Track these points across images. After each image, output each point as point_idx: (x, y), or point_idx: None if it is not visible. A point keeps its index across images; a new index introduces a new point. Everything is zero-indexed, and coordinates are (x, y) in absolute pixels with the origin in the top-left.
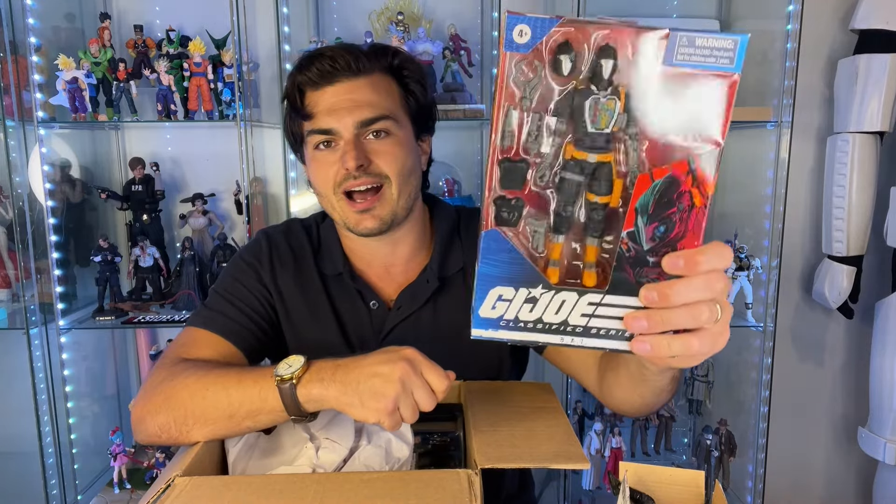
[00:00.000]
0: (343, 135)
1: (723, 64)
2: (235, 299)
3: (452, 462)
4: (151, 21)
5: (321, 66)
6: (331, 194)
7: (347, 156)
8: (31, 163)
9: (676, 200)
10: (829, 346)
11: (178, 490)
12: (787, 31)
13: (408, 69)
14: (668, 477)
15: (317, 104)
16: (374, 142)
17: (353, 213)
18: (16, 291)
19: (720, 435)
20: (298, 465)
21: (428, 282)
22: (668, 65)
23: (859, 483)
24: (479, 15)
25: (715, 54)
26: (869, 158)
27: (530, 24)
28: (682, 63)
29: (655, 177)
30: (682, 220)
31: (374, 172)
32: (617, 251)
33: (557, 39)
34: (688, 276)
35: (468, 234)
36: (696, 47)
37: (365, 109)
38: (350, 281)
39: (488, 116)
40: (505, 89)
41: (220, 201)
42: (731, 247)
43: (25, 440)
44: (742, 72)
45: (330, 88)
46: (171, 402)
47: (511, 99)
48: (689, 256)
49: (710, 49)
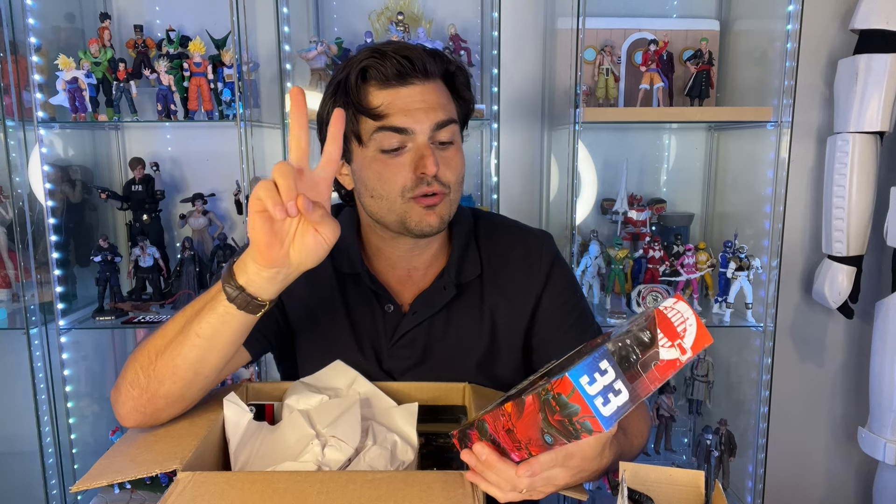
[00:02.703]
0: (418, 137)
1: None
2: None
3: (455, 463)
4: (151, 21)
5: (398, 65)
6: (397, 197)
7: (428, 161)
8: (31, 163)
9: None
10: (829, 346)
11: (181, 486)
12: (787, 31)
13: (460, 77)
14: (667, 477)
15: (391, 104)
16: (440, 149)
17: (422, 209)
18: (16, 291)
19: (720, 435)
20: (304, 461)
21: (445, 288)
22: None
23: (859, 483)
24: (479, 15)
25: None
26: (869, 158)
27: None
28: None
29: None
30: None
31: (441, 180)
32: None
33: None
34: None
35: (487, 242)
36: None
37: (439, 112)
38: (368, 282)
39: (489, 116)
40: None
41: (220, 201)
42: (731, 247)
43: (25, 440)
44: (742, 72)
45: (404, 89)
46: (136, 355)
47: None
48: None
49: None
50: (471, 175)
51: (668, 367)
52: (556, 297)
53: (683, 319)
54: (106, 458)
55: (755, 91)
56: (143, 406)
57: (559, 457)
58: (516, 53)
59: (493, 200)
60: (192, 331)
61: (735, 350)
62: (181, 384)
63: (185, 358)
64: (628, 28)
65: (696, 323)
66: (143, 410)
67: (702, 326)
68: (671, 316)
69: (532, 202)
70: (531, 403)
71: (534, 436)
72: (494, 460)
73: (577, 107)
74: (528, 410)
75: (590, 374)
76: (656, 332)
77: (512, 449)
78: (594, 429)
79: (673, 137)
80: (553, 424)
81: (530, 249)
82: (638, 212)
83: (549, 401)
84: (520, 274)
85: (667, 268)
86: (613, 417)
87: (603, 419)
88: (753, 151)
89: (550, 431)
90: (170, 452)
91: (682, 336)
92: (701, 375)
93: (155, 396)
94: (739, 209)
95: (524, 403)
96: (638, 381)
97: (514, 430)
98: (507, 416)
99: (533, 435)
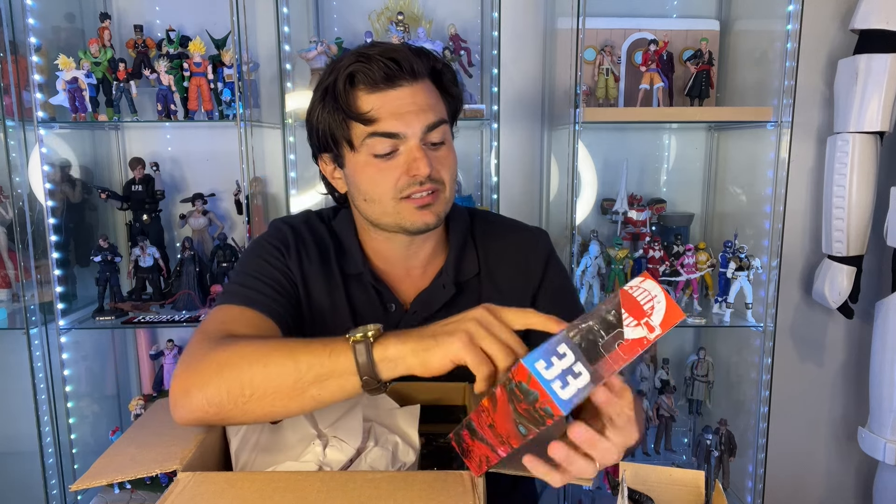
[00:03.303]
0: (409, 140)
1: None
2: (268, 278)
3: (456, 464)
4: (151, 21)
5: (386, 69)
6: (388, 200)
7: (421, 163)
8: (31, 163)
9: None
10: (829, 346)
11: (181, 486)
12: (787, 31)
13: (447, 74)
14: (667, 477)
15: (380, 107)
16: (432, 150)
17: (415, 209)
18: (16, 291)
19: (720, 435)
20: (305, 461)
21: (444, 287)
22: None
23: (859, 483)
24: (479, 15)
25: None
26: (869, 158)
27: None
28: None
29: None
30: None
31: (434, 179)
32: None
33: None
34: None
35: (484, 240)
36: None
37: (430, 113)
38: (371, 281)
39: (489, 116)
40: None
41: (220, 201)
42: (731, 247)
43: (25, 440)
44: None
45: (393, 92)
46: (224, 371)
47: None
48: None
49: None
50: (471, 175)
51: (634, 345)
52: (552, 294)
53: (651, 297)
54: (106, 457)
55: (755, 91)
56: (212, 419)
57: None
58: (516, 53)
59: (493, 200)
60: (310, 395)
61: (735, 350)
62: (265, 420)
63: (287, 411)
64: (628, 28)
65: (665, 300)
66: (209, 421)
67: (672, 303)
68: (637, 295)
69: (532, 202)
70: (501, 395)
71: (510, 428)
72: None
73: (577, 107)
74: (500, 403)
75: (546, 359)
76: (621, 312)
77: (497, 444)
78: (554, 413)
79: (673, 137)
80: (522, 414)
81: (526, 247)
82: (638, 212)
83: (513, 390)
84: (516, 271)
85: (667, 268)
86: (573, 400)
87: (561, 402)
88: (753, 151)
89: (522, 421)
90: (170, 452)
91: (650, 314)
92: (701, 375)
93: (232, 419)
94: (739, 209)
95: (496, 396)
96: (601, 362)
97: (495, 424)
98: (486, 411)
99: (510, 428)
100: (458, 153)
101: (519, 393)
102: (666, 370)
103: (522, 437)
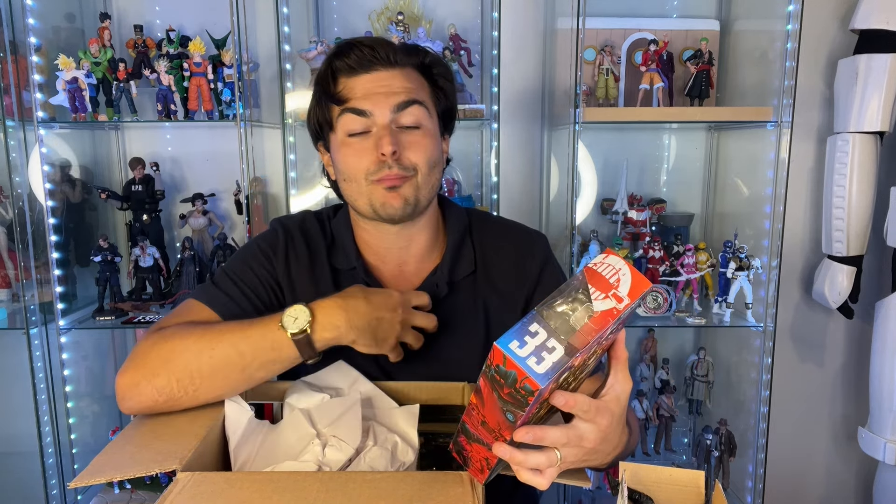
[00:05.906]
0: (378, 120)
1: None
2: (242, 283)
3: (455, 464)
4: (151, 21)
5: (360, 54)
6: (361, 180)
7: (384, 140)
8: (31, 163)
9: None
10: (829, 346)
11: (181, 485)
12: (787, 31)
13: (437, 68)
14: (667, 477)
15: (353, 89)
16: (405, 133)
17: (383, 189)
18: (16, 291)
19: (720, 435)
20: (304, 460)
21: (437, 286)
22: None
23: (859, 483)
24: (479, 15)
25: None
26: (869, 158)
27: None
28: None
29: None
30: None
31: (404, 164)
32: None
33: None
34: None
35: (482, 240)
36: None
37: (401, 94)
38: (364, 276)
39: (489, 116)
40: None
41: (220, 201)
42: (731, 247)
43: (25, 440)
44: (742, 72)
45: (366, 75)
46: (171, 363)
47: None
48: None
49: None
50: (471, 175)
51: (605, 317)
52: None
53: (615, 270)
54: (105, 455)
55: (755, 91)
56: (161, 407)
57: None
58: (516, 53)
59: (493, 200)
60: (256, 377)
61: (735, 350)
62: (216, 400)
63: (234, 389)
64: (628, 28)
65: (629, 272)
66: (159, 409)
67: (636, 273)
68: (602, 270)
69: (532, 202)
70: (485, 385)
71: (500, 418)
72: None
73: (577, 107)
74: (485, 394)
75: (519, 339)
76: (588, 287)
77: (490, 441)
78: (533, 389)
79: (673, 137)
80: (506, 399)
81: (523, 249)
82: (638, 212)
83: (493, 376)
84: (512, 272)
85: (667, 268)
86: (550, 374)
87: (538, 376)
88: (753, 151)
89: (508, 408)
90: (169, 452)
91: (616, 286)
92: (701, 375)
93: (181, 404)
94: (739, 209)
95: (481, 389)
96: (573, 335)
97: (486, 419)
98: (476, 407)
99: (499, 418)
100: (458, 153)
101: (498, 377)
102: (666, 370)
103: (511, 426)
